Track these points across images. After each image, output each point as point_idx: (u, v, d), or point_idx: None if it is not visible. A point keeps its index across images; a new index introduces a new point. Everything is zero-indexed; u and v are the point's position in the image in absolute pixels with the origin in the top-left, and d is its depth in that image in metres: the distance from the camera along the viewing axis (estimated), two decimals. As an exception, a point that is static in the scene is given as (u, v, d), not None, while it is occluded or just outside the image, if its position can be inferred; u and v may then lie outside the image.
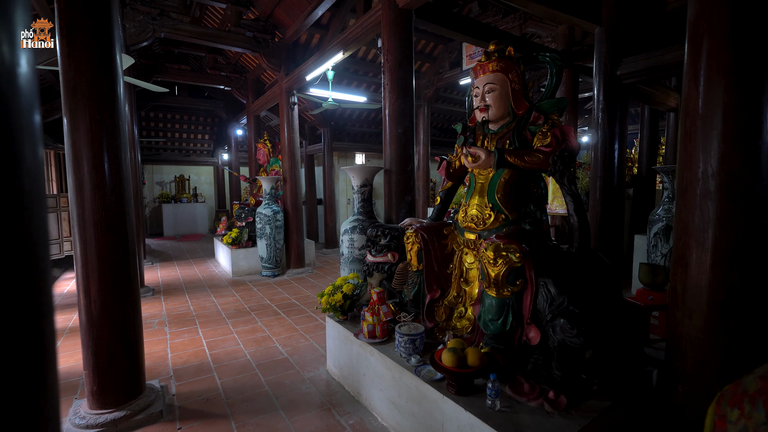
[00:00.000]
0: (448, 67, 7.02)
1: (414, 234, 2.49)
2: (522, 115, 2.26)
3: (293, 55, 6.10)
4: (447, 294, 2.51)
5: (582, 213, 1.94)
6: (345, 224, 3.27)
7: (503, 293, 1.92)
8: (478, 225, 2.27)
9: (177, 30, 4.92)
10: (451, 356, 1.74)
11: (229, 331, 3.75)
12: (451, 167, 2.71)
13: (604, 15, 2.94)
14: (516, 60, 2.27)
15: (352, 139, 9.26)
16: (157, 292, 5.14)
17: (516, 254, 1.85)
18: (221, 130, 11.55)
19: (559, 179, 2.00)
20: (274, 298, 4.87)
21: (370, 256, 2.78)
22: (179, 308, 4.45)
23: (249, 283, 5.67)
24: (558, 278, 1.84)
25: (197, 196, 11.82)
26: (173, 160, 11.70)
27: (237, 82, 7.91)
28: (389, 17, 3.25)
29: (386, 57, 3.31)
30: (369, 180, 3.31)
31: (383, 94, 3.39)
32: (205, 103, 10.15)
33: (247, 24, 5.57)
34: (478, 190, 2.35)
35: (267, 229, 5.83)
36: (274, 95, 6.56)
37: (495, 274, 1.89)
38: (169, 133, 11.22)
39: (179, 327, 3.85)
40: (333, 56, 4.44)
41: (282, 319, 4.08)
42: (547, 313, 1.81)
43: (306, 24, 5.29)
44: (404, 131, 3.31)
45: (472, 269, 2.38)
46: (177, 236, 10.90)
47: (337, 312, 2.68)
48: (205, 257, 7.73)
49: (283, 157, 6.25)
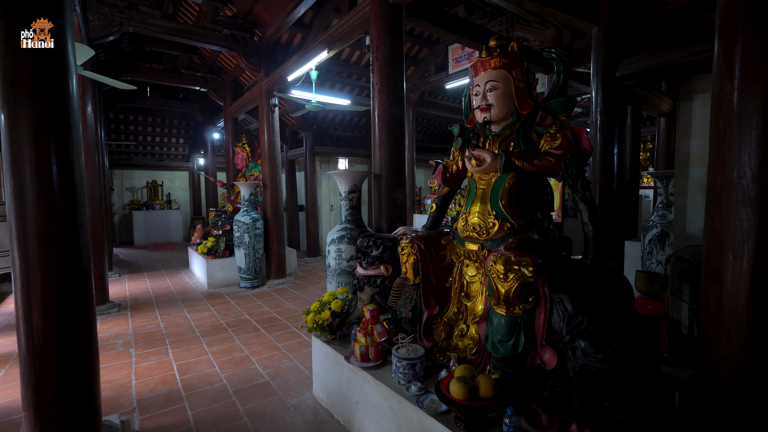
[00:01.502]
0: (434, 71, 6.90)
1: (409, 244, 2.28)
2: (527, 116, 2.09)
3: (274, 55, 5.83)
4: (446, 310, 2.29)
5: (598, 222, 1.78)
6: (332, 233, 3.03)
7: (514, 311, 1.72)
8: (481, 234, 2.08)
9: (147, 25, 4.57)
10: (461, 388, 1.52)
11: (203, 351, 3.41)
12: (448, 172, 2.51)
13: (601, 15, 2.84)
14: (519, 56, 2.11)
15: (335, 144, 9.01)
16: (124, 308, 4.71)
17: (529, 268, 1.66)
18: (197, 133, 11.07)
19: (571, 184, 1.83)
20: (253, 312, 4.54)
21: (361, 269, 2.54)
22: (148, 326, 4.06)
23: (226, 295, 5.31)
24: (575, 294, 1.66)
25: (171, 203, 11.25)
26: (145, 165, 11.12)
27: (214, 83, 7.55)
28: (378, 12, 3.05)
29: (375, 55, 3.11)
30: (357, 185, 3.08)
31: (372, 94, 3.18)
32: (179, 105, 9.68)
33: (224, 21, 5.27)
34: (480, 197, 2.15)
35: (245, 238, 5.49)
36: (254, 97, 6.25)
37: (505, 291, 1.69)
38: (140, 137, 10.66)
39: (147, 348, 3.48)
40: (317, 55, 4.20)
41: (262, 336, 3.76)
42: (565, 333, 1.62)
43: (287, 22, 5.04)
44: (395, 133, 3.11)
45: (473, 283, 2.18)
46: (149, 245, 10.31)
47: (325, 332, 2.43)
48: (179, 268, 7.27)
49: (263, 161, 5.93)
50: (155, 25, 4.65)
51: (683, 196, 2.96)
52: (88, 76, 3.03)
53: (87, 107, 4.32)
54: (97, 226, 4.45)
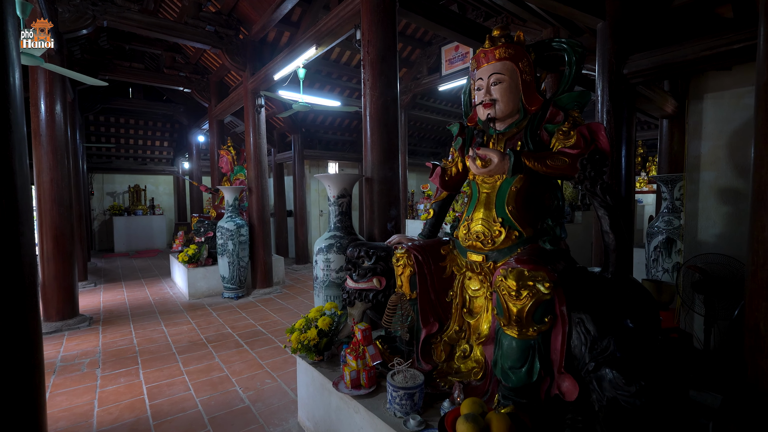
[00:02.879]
0: (427, 73, 6.73)
1: (405, 255, 2.04)
2: (535, 112, 1.88)
3: (260, 54, 5.58)
4: (446, 328, 2.06)
5: (620, 230, 1.57)
6: (319, 242, 2.78)
7: (527, 333, 1.50)
8: (486, 244, 1.85)
9: (124, 19, 4.29)
10: (471, 428, 1.28)
11: (178, 371, 3.11)
12: (447, 174, 2.29)
13: (607, 8, 2.68)
14: (527, 47, 1.90)
15: (325, 147, 8.77)
16: (96, 322, 4.37)
17: (545, 284, 1.44)
18: (182, 136, 10.71)
19: (589, 188, 1.63)
20: (236, 325, 4.24)
21: (351, 282, 2.30)
22: (120, 342, 3.74)
23: (208, 306, 4.99)
24: (597, 313, 1.44)
25: (154, 208, 10.84)
26: (127, 169, 10.71)
27: (198, 83, 7.26)
28: (370, 4, 2.84)
29: (366, 49, 2.89)
30: (348, 190, 2.84)
31: (363, 91, 2.96)
32: (163, 107, 9.34)
33: (207, 17, 5.01)
34: (483, 202, 1.93)
35: (229, 245, 5.19)
36: (239, 97, 5.98)
37: (518, 310, 1.47)
38: (122, 139, 10.26)
39: (115, 368, 3.16)
40: (304, 52, 3.97)
41: (244, 352, 3.48)
42: (588, 360, 1.40)
43: (274, 19, 4.81)
44: (388, 133, 2.89)
45: (477, 298, 1.96)
46: (130, 252, 9.88)
47: (311, 353, 2.17)
48: (160, 276, 6.91)
49: (249, 165, 5.66)
50: (132, 19, 4.37)
51: (694, 201, 2.80)
52: (50, 68, 2.75)
53: (55, 106, 4.01)
54: (66, 234, 4.12)
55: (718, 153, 2.67)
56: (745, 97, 2.55)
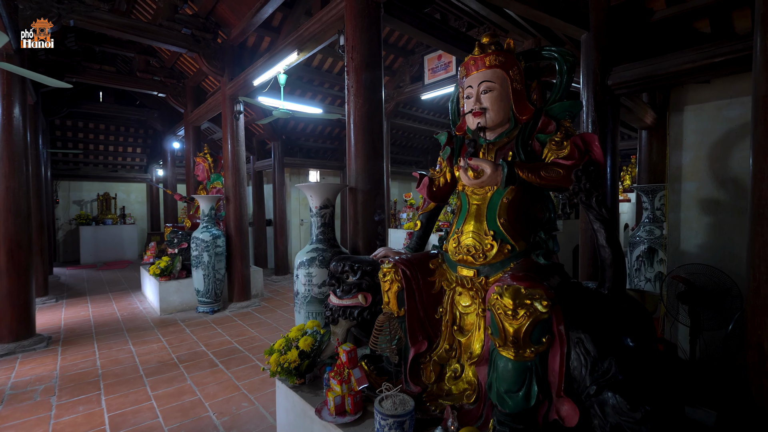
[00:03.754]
0: (409, 81, 6.71)
1: (393, 269, 1.93)
2: (526, 122, 1.83)
3: (239, 59, 5.42)
4: (436, 346, 1.96)
5: (617, 244, 1.52)
6: (301, 255, 2.64)
7: (524, 355, 1.40)
8: (477, 258, 1.77)
9: (92, 18, 4.06)
10: (469, 464, 1.17)
11: (145, 395, 2.87)
12: (435, 185, 2.21)
13: (592, 20, 2.70)
14: (517, 55, 1.86)
15: (306, 155, 8.61)
16: (54, 342, 4.03)
17: (543, 302, 1.36)
18: (156, 142, 10.32)
19: (585, 200, 1.57)
20: (211, 342, 4.00)
21: (335, 298, 2.17)
22: (81, 365, 3.44)
23: (181, 322, 4.71)
24: (596, 333, 1.37)
25: (125, 217, 10.34)
26: (96, 176, 10.21)
27: (174, 88, 7.00)
28: (355, 9, 2.76)
29: (351, 55, 2.80)
30: (331, 200, 2.72)
31: (347, 98, 2.86)
32: (136, 112, 8.96)
33: (183, 19, 4.83)
34: (474, 214, 1.85)
35: (204, 257, 4.94)
36: (217, 103, 5.78)
37: (514, 330, 1.38)
38: (91, 145, 9.79)
39: (74, 395, 2.89)
40: (286, 57, 3.85)
41: (219, 372, 3.26)
42: (589, 383, 1.33)
43: (254, 23, 4.67)
44: (373, 141, 2.80)
45: (468, 314, 1.86)
46: (97, 264, 9.36)
47: (292, 376, 2.02)
48: (129, 290, 6.53)
49: (227, 172, 5.44)
50: (102, 19, 4.14)
51: (676, 212, 2.83)
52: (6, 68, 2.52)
53: (13, 109, 3.72)
54: (23, 246, 3.80)
55: (699, 164, 2.72)
56: (724, 110, 2.60)
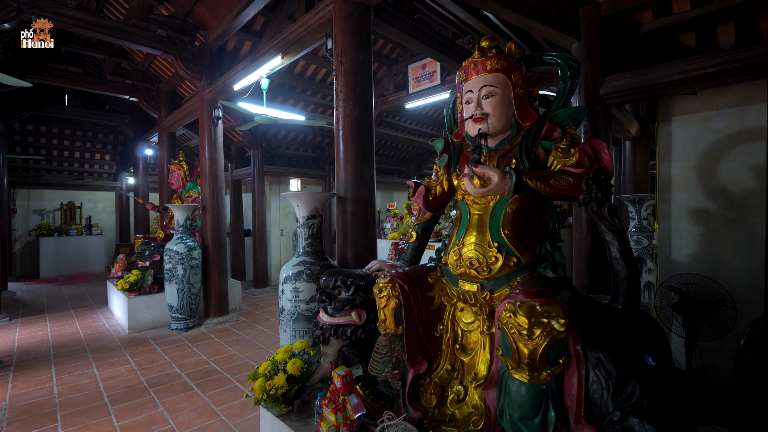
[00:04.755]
0: (393, 90, 6.67)
1: (390, 284, 1.80)
2: (529, 128, 1.75)
3: (218, 63, 5.21)
4: (436, 367, 1.82)
5: (631, 256, 1.44)
6: (286, 269, 2.46)
7: (540, 378, 1.30)
8: (481, 272, 1.66)
9: (57, 15, 3.78)
10: None
11: (110, 426, 2.59)
12: (431, 194, 2.11)
13: (583, 30, 2.70)
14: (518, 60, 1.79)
15: (287, 164, 8.39)
16: (6, 367, 3.64)
17: (560, 320, 1.26)
18: (127, 149, 9.84)
19: (596, 211, 1.50)
20: (185, 362, 3.71)
21: (326, 316, 2.00)
22: (35, 393, 3.10)
23: (152, 341, 4.38)
24: (616, 352, 1.28)
25: (91, 228, 9.75)
26: (60, 184, 9.61)
27: (147, 92, 6.68)
28: (344, 11, 2.65)
29: (339, 59, 2.69)
30: (319, 210, 2.56)
31: (335, 103, 2.74)
32: (105, 117, 8.51)
33: (159, 20, 4.60)
34: (476, 225, 1.75)
35: (179, 270, 4.64)
36: (194, 108, 5.53)
37: (530, 351, 1.27)
38: (55, 151, 9.22)
39: (25, 429, 2.57)
40: (269, 61, 3.70)
41: (194, 397, 3.00)
42: (612, 408, 1.23)
43: (234, 26, 4.50)
44: (364, 148, 2.67)
45: (471, 332, 1.74)
46: (59, 278, 8.73)
47: (279, 404, 1.83)
48: (95, 306, 6.08)
49: (203, 181, 5.18)
50: (68, 16, 3.87)
51: (667, 222, 2.85)
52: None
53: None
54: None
55: (688, 174, 2.75)
56: (711, 121, 2.65)
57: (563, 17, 2.68)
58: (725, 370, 2.62)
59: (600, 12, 2.65)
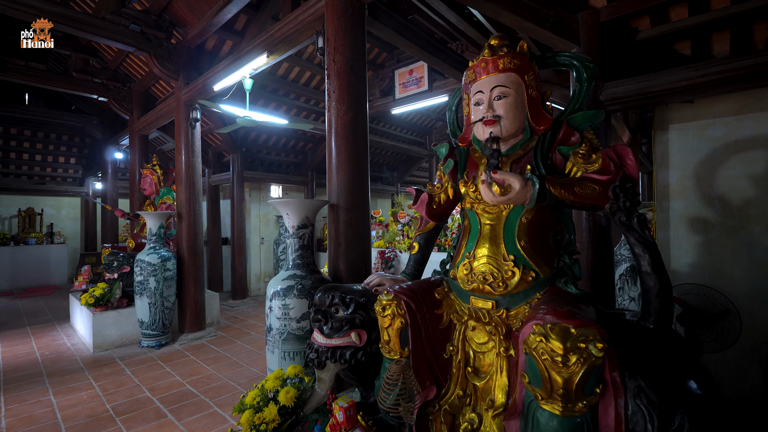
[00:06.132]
0: (379, 95, 6.54)
1: (394, 302, 1.63)
2: (544, 132, 1.63)
3: (196, 62, 4.94)
4: (446, 392, 1.66)
5: (663, 270, 1.33)
6: (274, 283, 2.24)
7: (575, 410, 1.15)
8: (496, 288, 1.52)
9: (14, 4, 3.45)
10: None
11: (68, 465, 2.27)
12: (434, 202, 1.96)
13: (582, 36, 2.66)
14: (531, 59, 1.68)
15: (268, 169, 8.09)
16: (-53, 396, 3.21)
17: (598, 344, 1.12)
18: (94, 152, 9.27)
19: (624, 221, 1.38)
20: (157, 385, 3.39)
21: (321, 336, 1.80)
22: (-20, 426, 2.72)
23: (119, 361, 4.01)
24: (658, 378, 1.16)
25: (53, 236, 9.08)
26: (18, 189, 8.92)
27: (117, 92, 6.29)
28: (337, 8, 2.50)
29: (332, 57, 2.52)
30: (310, 219, 2.37)
31: (327, 105, 2.56)
32: (71, 118, 7.97)
33: (132, 14, 4.30)
34: (488, 236, 1.61)
35: (151, 283, 4.30)
36: (169, 110, 5.21)
37: (564, 381, 1.13)
38: (12, 153, 8.57)
39: (-33, 472, 2.22)
40: (253, 60, 3.49)
41: (169, 425, 2.70)
42: (658, 444, 1.10)
43: (215, 24, 4.27)
44: (358, 152, 2.51)
45: (485, 353, 1.59)
46: (15, 291, 8.05)
47: (270, 440, 1.61)
48: (54, 322, 5.57)
49: (179, 186, 4.86)
50: (28, 5, 3.53)
51: (665, 230, 2.82)
52: None
53: None
54: None
55: (685, 182, 2.73)
56: (709, 129, 2.64)
57: (563, 21, 2.62)
58: (727, 381, 2.59)
59: (599, 18, 2.61)
